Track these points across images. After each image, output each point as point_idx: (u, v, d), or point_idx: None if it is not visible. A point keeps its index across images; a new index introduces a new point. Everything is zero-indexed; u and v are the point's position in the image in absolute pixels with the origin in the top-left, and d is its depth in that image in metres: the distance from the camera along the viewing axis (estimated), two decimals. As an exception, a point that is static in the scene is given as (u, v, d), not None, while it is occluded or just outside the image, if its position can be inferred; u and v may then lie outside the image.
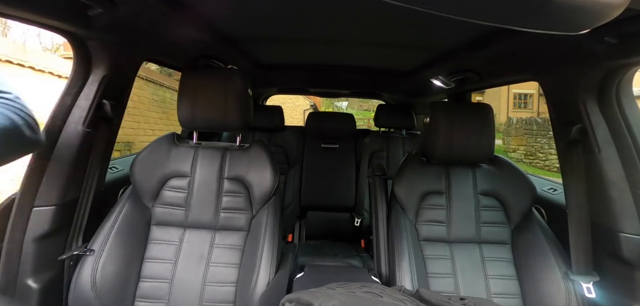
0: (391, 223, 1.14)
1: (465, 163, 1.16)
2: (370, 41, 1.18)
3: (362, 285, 0.50)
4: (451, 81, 1.40)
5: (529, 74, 1.05)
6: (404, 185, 1.14)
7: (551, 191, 1.36)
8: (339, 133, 2.18)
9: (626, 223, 0.81)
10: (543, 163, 10.04)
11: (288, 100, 12.48)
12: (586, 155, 0.87)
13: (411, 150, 1.63)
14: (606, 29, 0.62)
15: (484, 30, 0.91)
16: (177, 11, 0.85)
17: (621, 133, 0.82)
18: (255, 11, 0.92)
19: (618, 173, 0.82)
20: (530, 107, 16.53)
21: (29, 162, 0.82)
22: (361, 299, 0.44)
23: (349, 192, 2.11)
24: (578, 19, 0.28)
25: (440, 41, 1.11)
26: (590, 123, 0.84)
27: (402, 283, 1.06)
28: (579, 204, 0.89)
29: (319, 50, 1.39)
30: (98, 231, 0.91)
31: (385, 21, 0.94)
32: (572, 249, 0.90)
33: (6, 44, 3.75)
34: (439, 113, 1.10)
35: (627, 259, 0.81)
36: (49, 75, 4.10)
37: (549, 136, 9.81)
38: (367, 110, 19.88)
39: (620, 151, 0.82)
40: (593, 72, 0.80)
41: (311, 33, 1.13)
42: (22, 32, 13.15)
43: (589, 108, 0.84)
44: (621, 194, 0.82)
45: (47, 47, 11.37)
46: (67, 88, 0.86)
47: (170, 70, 1.48)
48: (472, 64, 1.20)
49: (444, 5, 0.27)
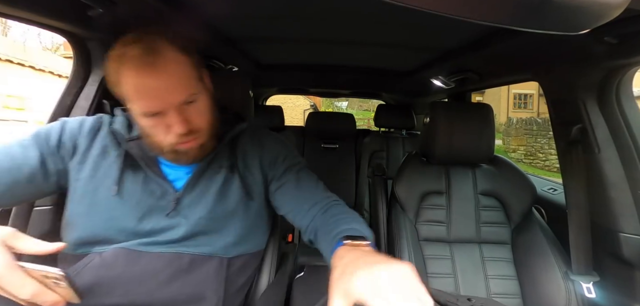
0: (391, 223, 1.14)
1: (465, 163, 1.16)
2: (370, 41, 1.18)
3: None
4: (451, 81, 1.40)
5: (529, 74, 1.05)
6: (404, 185, 1.14)
7: (551, 191, 1.36)
8: (339, 134, 2.18)
9: (626, 223, 0.81)
10: (543, 163, 10.04)
11: (288, 100, 12.50)
12: (586, 155, 0.87)
13: (411, 150, 1.64)
14: (606, 29, 0.62)
15: (484, 30, 0.91)
16: (177, 11, 0.85)
17: (621, 133, 0.82)
18: (255, 11, 0.92)
19: (618, 173, 0.82)
20: (530, 107, 16.54)
21: (29, 162, 0.82)
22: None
23: (349, 192, 2.11)
24: (578, 19, 0.28)
25: (440, 41, 1.11)
26: (590, 123, 0.84)
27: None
28: (579, 204, 0.89)
29: (319, 50, 1.39)
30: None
31: (385, 21, 0.94)
32: (572, 249, 0.90)
33: (6, 44, 3.76)
34: (439, 113, 1.10)
35: (627, 259, 0.81)
36: (49, 74, 4.10)
37: (549, 136, 9.82)
38: (367, 110, 19.91)
39: (620, 151, 0.82)
40: (593, 72, 0.80)
41: (311, 33, 1.13)
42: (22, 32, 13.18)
43: (588, 108, 0.84)
44: (621, 194, 0.82)
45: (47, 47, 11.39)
46: (67, 88, 0.86)
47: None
48: (472, 64, 1.20)
49: (444, 5, 0.27)
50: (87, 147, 0.66)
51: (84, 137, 0.66)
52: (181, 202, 0.67)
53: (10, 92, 3.73)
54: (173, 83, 0.58)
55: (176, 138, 0.60)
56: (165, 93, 0.57)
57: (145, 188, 0.66)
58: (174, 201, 0.66)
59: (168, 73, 0.57)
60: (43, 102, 3.86)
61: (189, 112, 0.61)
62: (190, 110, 0.61)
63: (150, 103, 0.57)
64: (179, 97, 0.58)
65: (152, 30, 0.59)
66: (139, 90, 0.57)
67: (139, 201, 0.65)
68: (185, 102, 0.59)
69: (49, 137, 0.64)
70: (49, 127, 0.66)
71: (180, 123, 0.59)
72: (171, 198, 0.66)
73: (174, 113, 0.58)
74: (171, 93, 0.58)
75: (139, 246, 0.64)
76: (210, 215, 0.68)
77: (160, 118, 0.59)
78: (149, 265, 0.63)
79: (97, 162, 0.66)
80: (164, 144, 0.62)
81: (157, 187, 0.67)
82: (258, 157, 0.75)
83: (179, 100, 0.58)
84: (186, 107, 0.60)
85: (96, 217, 0.64)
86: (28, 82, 3.87)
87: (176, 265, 0.65)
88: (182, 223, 0.66)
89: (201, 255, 0.67)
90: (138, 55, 0.55)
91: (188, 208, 0.67)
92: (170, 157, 0.65)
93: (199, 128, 0.63)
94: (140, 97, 0.57)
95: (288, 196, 0.73)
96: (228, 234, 0.70)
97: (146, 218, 0.65)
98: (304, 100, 13.44)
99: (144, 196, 0.65)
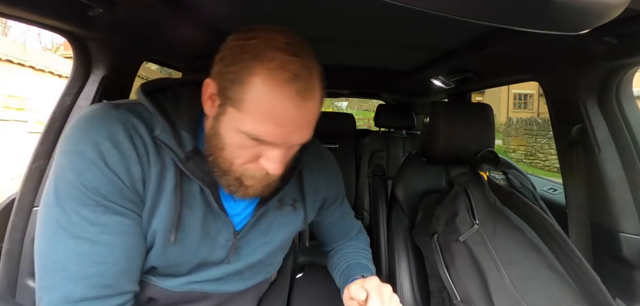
0: (391, 223, 1.14)
1: (465, 163, 1.16)
2: (370, 41, 1.18)
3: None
4: (451, 81, 1.40)
5: (529, 74, 1.05)
6: (403, 185, 1.14)
7: (551, 191, 1.36)
8: (339, 133, 2.17)
9: (626, 223, 0.81)
10: (543, 163, 10.04)
11: (288, 100, 12.46)
12: (586, 155, 0.87)
13: (411, 150, 1.63)
14: (606, 29, 0.61)
15: (484, 30, 0.91)
16: (178, 11, 0.85)
17: (621, 133, 0.82)
18: (255, 11, 0.92)
19: (618, 173, 0.82)
20: (530, 107, 16.54)
21: (29, 162, 0.82)
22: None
23: (348, 192, 2.10)
24: (578, 19, 0.28)
25: (440, 41, 1.11)
26: (590, 123, 0.84)
27: (401, 283, 1.06)
28: (579, 204, 0.89)
29: (319, 50, 1.37)
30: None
31: (385, 21, 0.94)
32: (572, 249, 0.90)
33: (6, 44, 3.76)
34: (439, 113, 1.10)
35: (627, 259, 0.81)
36: (49, 74, 4.10)
37: (549, 136, 9.82)
38: (367, 110, 19.90)
39: (620, 151, 0.82)
40: (593, 72, 0.80)
41: (311, 33, 1.13)
42: (22, 32, 13.18)
43: (589, 108, 0.84)
44: (621, 194, 0.82)
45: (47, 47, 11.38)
46: (67, 88, 0.86)
47: (170, 70, 1.48)
48: (472, 64, 1.20)
49: (444, 5, 0.27)
50: (146, 177, 0.48)
51: (136, 163, 0.47)
52: (237, 243, 0.57)
53: (10, 92, 3.73)
54: (310, 123, 0.46)
55: (260, 173, 0.48)
56: (300, 131, 0.46)
57: (205, 227, 0.53)
58: (233, 245, 0.56)
59: (314, 111, 0.46)
60: (43, 102, 3.86)
61: (290, 154, 0.50)
62: (292, 152, 0.51)
63: (277, 132, 0.44)
64: (305, 139, 0.48)
65: (306, 47, 0.47)
66: (276, 115, 0.43)
67: (197, 249, 0.53)
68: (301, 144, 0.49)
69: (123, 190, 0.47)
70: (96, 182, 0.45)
71: (280, 164, 0.47)
72: (230, 240, 0.55)
73: (283, 151, 0.47)
74: (302, 133, 0.46)
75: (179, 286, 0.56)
76: (263, 254, 0.61)
77: (262, 147, 0.46)
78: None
79: (155, 195, 0.49)
80: (234, 167, 0.48)
81: (214, 225, 0.54)
82: (324, 183, 0.68)
83: (302, 141, 0.48)
84: (294, 149, 0.50)
85: (137, 268, 0.50)
86: (28, 82, 3.87)
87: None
88: (231, 265, 0.58)
89: (237, 291, 0.62)
90: (295, 77, 0.42)
91: (242, 248, 0.58)
92: (231, 184, 0.49)
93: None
94: (270, 122, 0.43)
95: (331, 224, 0.76)
96: (271, 264, 0.68)
97: (201, 270, 0.56)
98: (304, 100, 13.41)
99: (202, 241, 0.53)
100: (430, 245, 0.93)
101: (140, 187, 0.47)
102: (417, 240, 1.04)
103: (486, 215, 0.86)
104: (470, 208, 0.89)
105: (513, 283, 0.73)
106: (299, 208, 0.62)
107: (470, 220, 0.87)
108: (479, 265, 0.79)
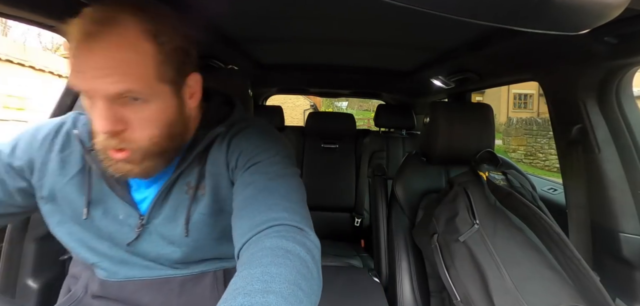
0: (391, 223, 1.14)
1: (465, 163, 1.16)
2: (370, 41, 1.18)
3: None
4: (451, 81, 1.40)
5: (529, 74, 1.05)
6: (403, 185, 1.14)
7: (551, 191, 1.36)
8: (339, 133, 2.18)
9: (626, 223, 0.81)
10: (543, 163, 10.05)
11: (288, 100, 12.49)
12: (586, 155, 0.87)
13: (411, 150, 1.63)
14: (606, 29, 0.62)
15: (484, 30, 0.91)
16: (177, 11, 0.85)
17: (621, 133, 0.82)
18: (255, 11, 0.92)
19: (618, 173, 0.82)
20: (530, 107, 16.54)
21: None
22: None
23: (349, 192, 2.11)
24: (578, 19, 0.28)
25: (440, 41, 1.11)
26: (590, 123, 0.84)
27: (401, 283, 1.06)
28: (579, 204, 0.89)
29: (319, 50, 1.39)
30: None
31: (385, 21, 0.94)
32: (572, 249, 0.90)
33: (6, 44, 3.76)
34: (439, 113, 1.10)
35: (627, 259, 0.81)
36: (49, 74, 4.10)
37: (549, 136, 9.82)
38: (367, 110, 19.90)
39: (620, 151, 0.82)
40: (593, 72, 0.80)
41: (311, 33, 1.13)
42: (22, 32, 13.17)
43: (589, 108, 0.84)
44: (621, 194, 0.82)
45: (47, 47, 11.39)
46: (67, 88, 0.86)
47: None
48: (472, 64, 1.20)
49: (444, 5, 0.27)
50: (44, 161, 0.57)
51: (37, 149, 0.57)
52: (147, 228, 0.57)
53: (10, 92, 3.73)
54: (110, 65, 0.45)
55: (102, 138, 0.48)
56: (96, 71, 0.45)
57: (113, 210, 0.57)
58: (137, 228, 0.56)
59: (110, 51, 0.45)
60: (43, 102, 3.86)
61: (122, 112, 0.47)
62: (126, 111, 0.48)
63: (80, 78, 0.46)
64: (111, 86, 0.45)
65: (123, 1, 0.47)
66: (77, 61, 0.46)
67: (106, 227, 0.57)
68: (119, 94, 0.46)
69: (1, 153, 0.57)
70: (3, 143, 0.58)
71: (103, 120, 0.46)
72: (134, 224, 0.57)
73: (99, 102, 0.46)
74: (102, 76, 0.45)
75: (124, 268, 0.58)
76: (179, 237, 0.58)
77: (90, 104, 0.48)
78: (134, 294, 0.58)
79: (54, 180, 0.56)
80: (96, 143, 0.51)
81: (123, 209, 0.57)
82: (224, 161, 0.58)
83: (109, 89, 0.45)
84: (121, 104, 0.47)
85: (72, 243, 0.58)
86: (28, 82, 3.87)
87: (166, 289, 0.59)
88: (140, 247, 0.58)
89: (192, 275, 0.60)
90: (86, 21, 0.45)
91: (153, 232, 0.58)
92: (103, 161, 0.52)
93: (132, 140, 0.49)
94: (75, 69, 0.46)
95: (235, 208, 0.53)
96: (216, 249, 0.61)
97: (129, 254, 0.58)
98: (304, 100, 13.44)
99: (112, 222, 0.57)
100: (430, 245, 0.93)
101: (29, 164, 0.57)
102: (417, 240, 1.04)
103: (486, 215, 0.86)
104: (470, 208, 0.89)
105: (514, 283, 0.73)
106: (202, 192, 0.58)
107: (471, 220, 0.87)
108: (479, 265, 0.79)
